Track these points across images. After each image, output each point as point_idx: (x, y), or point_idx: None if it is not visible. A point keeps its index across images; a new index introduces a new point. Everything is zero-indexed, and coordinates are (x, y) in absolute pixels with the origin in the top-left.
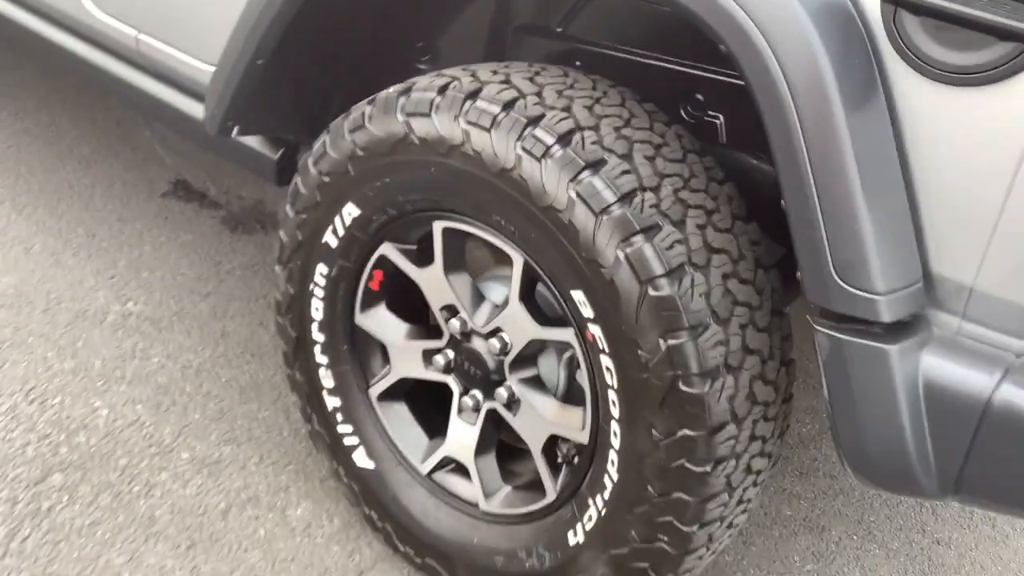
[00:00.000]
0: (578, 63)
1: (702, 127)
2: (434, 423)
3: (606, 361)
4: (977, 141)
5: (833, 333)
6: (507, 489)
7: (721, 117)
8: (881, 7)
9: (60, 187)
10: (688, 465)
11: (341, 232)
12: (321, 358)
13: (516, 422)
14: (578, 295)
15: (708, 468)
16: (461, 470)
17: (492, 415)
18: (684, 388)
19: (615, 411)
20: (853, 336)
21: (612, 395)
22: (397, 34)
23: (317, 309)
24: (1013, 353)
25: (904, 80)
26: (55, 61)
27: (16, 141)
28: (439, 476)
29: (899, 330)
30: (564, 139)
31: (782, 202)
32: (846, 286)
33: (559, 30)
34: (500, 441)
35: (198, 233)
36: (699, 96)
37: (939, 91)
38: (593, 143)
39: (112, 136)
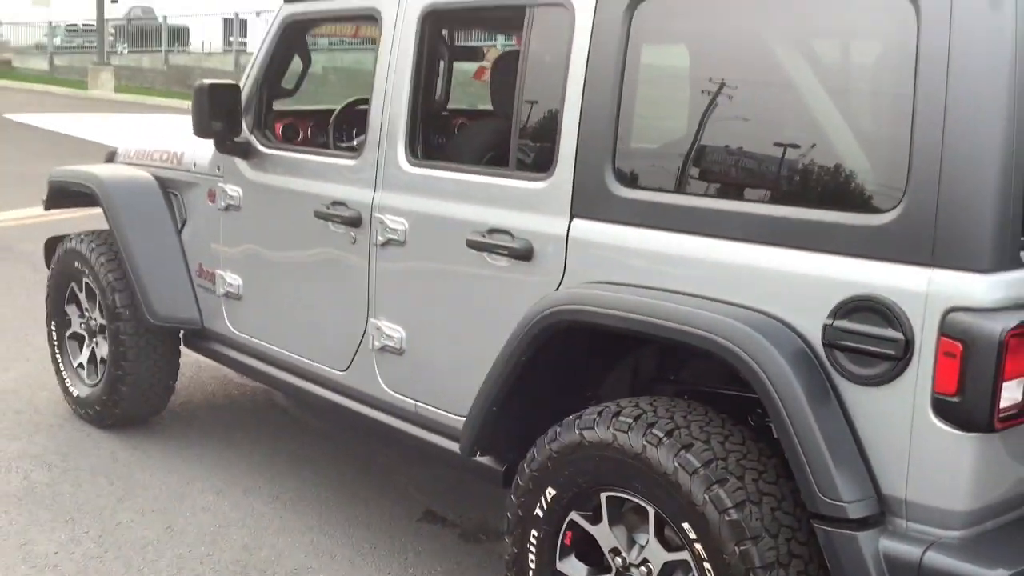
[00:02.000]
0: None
1: (762, 428)
2: None
3: (707, 565)
4: (881, 415)
5: (823, 527)
6: None
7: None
8: (824, 350)
9: (352, 503)
10: None
11: (545, 506)
12: None
13: None
14: (687, 526)
15: None
16: None
17: None
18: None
19: None
20: (835, 527)
21: None
22: (576, 388)
23: (532, 562)
24: (935, 536)
25: (839, 383)
26: (351, 425)
27: (316, 488)
28: None
29: (864, 524)
30: (714, 469)
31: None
32: (825, 499)
33: (672, 378)
34: None
35: (443, 545)
36: (759, 410)
37: (857, 389)
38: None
39: (382, 481)
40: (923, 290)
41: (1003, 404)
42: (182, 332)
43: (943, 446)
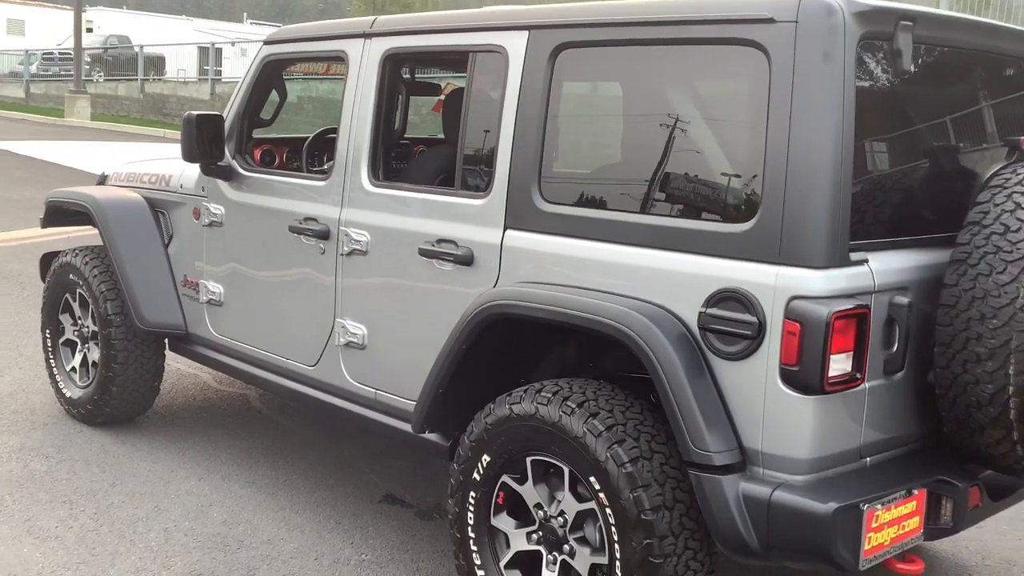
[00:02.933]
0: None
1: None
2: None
3: (608, 510)
4: (741, 383)
5: (695, 473)
6: None
7: None
8: (699, 333)
9: (320, 488)
10: (651, 559)
11: (481, 471)
12: (473, 547)
13: (575, 562)
14: (593, 479)
15: (661, 560)
16: None
17: (564, 563)
18: (646, 518)
19: (618, 535)
20: (704, 473)
21: (613, 530)
22: (511, 374)
23: (470, 519)
24: (783, 480)
25: (710, 359)
26: (320, 413)
27: (288, 475)
28: None
29: (728, 470)
30: (615, 431)
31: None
32: (697, 450)
33: (591, 364)
34: None
35: (401, 522)
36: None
37: (724, 363)
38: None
39: (346, 471)
40: (772, 283)
41: (832, 372)
42: (167, 337)
43: (789, 407)
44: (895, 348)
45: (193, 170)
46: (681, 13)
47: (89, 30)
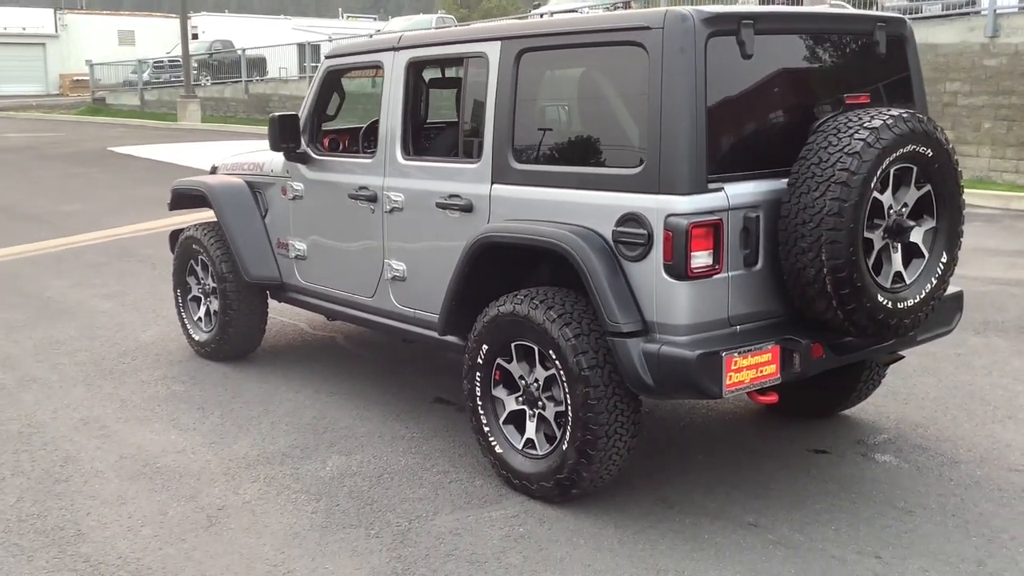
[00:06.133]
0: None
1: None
2: (521, 427)
3: (562, 372)
4: (641, 276)
5: (611, 338)
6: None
7: None
8: (614, 245)
9: (386, 395)
10: (589, 402)
11: (482, 357)
12: (481, 412)
13: (546, 413)
14: (552, 353)
15: (596, 402)
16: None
17: (539, 415)
18: (584, 374)
19: (567, 389)
20: (617, 338)
21: (565, 385)
22: (508, 284)
23: (478, 391)
24: (669, 340)
25: (622, 262)
26: (379, 335)
27: (363, 388)
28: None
29: (633, 335)
30: (564, 318)
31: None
32: (611, 322)
33: (561, 279)
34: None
35: (445, 415)
36: None
37: (629, 264)
38: (569, 319)
39: (406, 385)
40: (655, 207)
41: (694, 265)
42: (268, 288)
43: (670, 290)
44: (749, 248)
45: (279, 158)
46: (595, 25)
47: (195, 36)
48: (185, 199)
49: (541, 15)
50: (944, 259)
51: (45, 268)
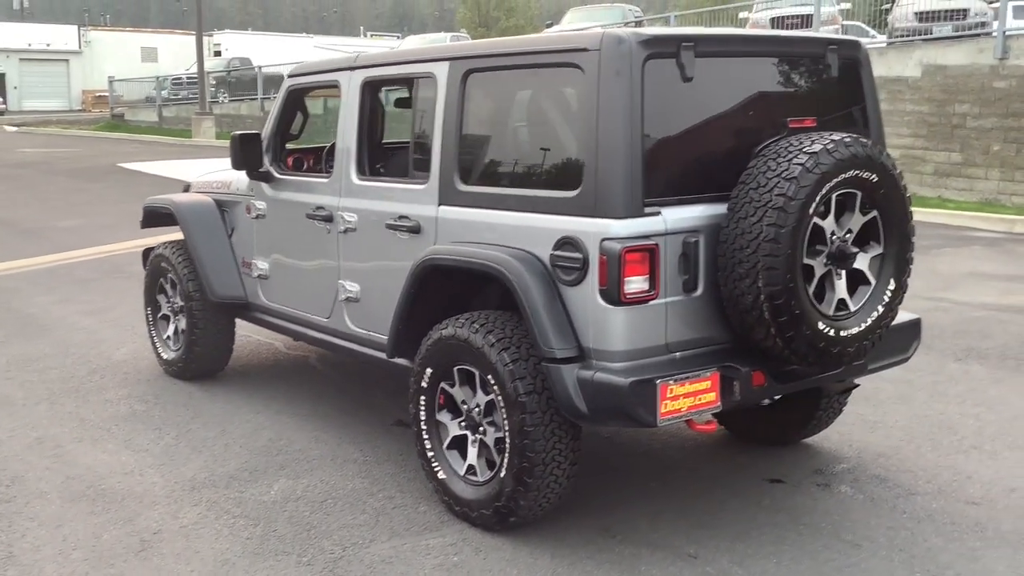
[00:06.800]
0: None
1: None
2: (464, 452)
3: (499, 397)
4: (577, 301)
5: (546, 364)
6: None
7: None
8: (551, 268)
9: (345, 416)
10: (526, 428)
11: (426, 381)
12: (425, 436)
13: (487, 438)
14: (490, 377)
15: (532, 428)
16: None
17: (480, 441)
18: (521, 400)
19: (506, 415)
20: (551, 364)
21: (503, 411)
22: (454, 307)
23: (423, 415)
24: (604, 367)
25: (559, 286)
26: (334, 352)
27: (326, 409)
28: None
29: (568, 361)
30: (502, 342)
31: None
32: (546, 348)
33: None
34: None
35: (404, 438)
36: None
37: (566, 288)
38: (508, 343)
39: (368, 407)
40: (591, 230)
41: (628, 290)
42: (234, 307)
43: (605, 315)
44: (689, 274)
45: (244, 177)
46: (536, 47)
47: (218, 53)
48: (156, 217)
49: None
50: (892, 286)
51: (35, 284)
